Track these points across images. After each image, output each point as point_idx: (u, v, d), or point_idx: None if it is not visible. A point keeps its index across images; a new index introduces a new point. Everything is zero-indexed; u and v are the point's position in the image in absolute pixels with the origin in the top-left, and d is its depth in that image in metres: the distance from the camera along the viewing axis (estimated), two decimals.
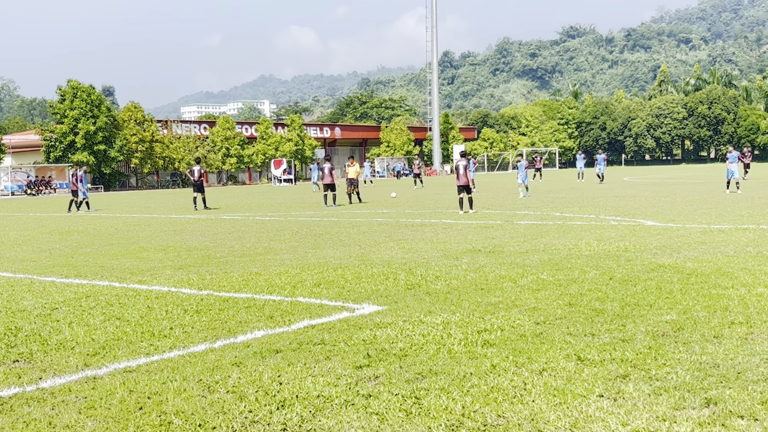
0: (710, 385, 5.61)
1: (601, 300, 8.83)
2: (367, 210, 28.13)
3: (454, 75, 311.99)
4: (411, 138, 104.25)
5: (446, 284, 10.41)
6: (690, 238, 15.03)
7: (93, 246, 17.81)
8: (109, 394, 5.87)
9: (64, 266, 14.05)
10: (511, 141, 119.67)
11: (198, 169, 33.35)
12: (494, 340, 7.12)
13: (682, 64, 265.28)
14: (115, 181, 78.65)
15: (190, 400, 5.67)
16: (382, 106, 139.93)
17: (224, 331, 7.93)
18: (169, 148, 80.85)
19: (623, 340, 6.95)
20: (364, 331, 7.66)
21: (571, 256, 12.92)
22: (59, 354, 7.24)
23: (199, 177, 32.94)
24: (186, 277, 11.95)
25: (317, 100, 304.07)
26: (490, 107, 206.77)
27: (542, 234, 16.75)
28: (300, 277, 11.49)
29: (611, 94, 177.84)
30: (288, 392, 5.78)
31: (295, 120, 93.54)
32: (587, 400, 5.39)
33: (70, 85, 75.17)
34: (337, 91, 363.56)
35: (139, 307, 9.48)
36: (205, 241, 17.90)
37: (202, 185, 32.97)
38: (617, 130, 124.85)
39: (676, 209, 22.89)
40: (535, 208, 25.66)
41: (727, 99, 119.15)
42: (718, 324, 7.48)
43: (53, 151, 74.43)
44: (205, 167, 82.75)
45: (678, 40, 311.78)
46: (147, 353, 7.15)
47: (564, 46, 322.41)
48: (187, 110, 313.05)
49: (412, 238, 16.85)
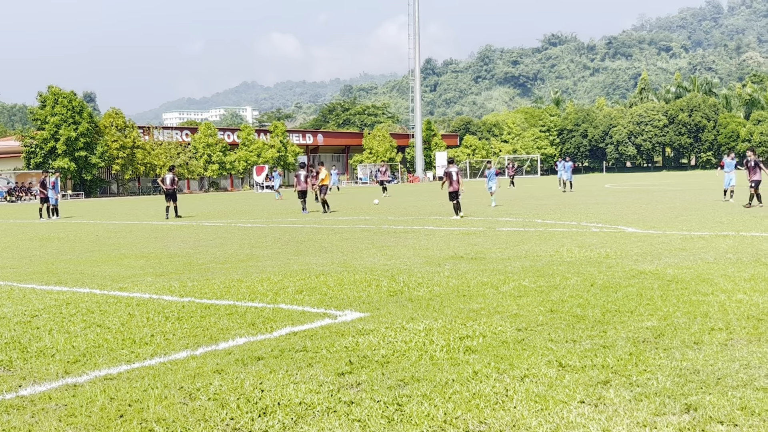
0: (690, 391, 5.65)
1: (583, 306, 8.87)
2: (349, 217, 28.12)
3: (437, 82, 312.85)
4: (394, 145, 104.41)
5: (428, 291, 10.42)
6: (670, 244, 15.13)
7: (73, 253, 17.70)
8: (90, 402, 5.83)
9: (44, 273, 13.96)
10: (494, 148, 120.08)
11: (170, 176, 32.17)
12: (476, 347, 7.14)
13: (663, 72, 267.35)
14: (96, 187, 78.23)
15: (172, 408, 5.64)
16: (364, 113, 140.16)
17: (206, 339, 7.90)
18: (151, 154, 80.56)
19: (604, 347, 6.98)
20: (346, 338, 7.65)
21: (553, 262, 12.97)
22: (39, 361, 7.18)
23: (172, 184, 31.80)
24: (167, 284, 11.89)
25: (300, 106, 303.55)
26: (472, 114, 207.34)
27: (524, 241, 16.80)
28: (282, 284, 11.47)
29: (593, 102, 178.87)
30: (270, 399, 5.76)
31: (278, 126, 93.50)
32: (568, 406, 5.41)
33: (51, 92, 74.78)
34: (320, 98, 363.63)
35: (120, 314, 9.43)
36: (186, 248, 17.83)
37: (174, 193, 31.86)
38: (598, 137, 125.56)
39: (656, 216, 23.03)
40: (516, 214, 25.74)
41: (708, 107, 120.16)
42: (698, 330, 7.53)
43: (34, 157, 73.98)
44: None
45: (659, 48, 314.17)
46: (128, 360, 7.11)
47: (546, 54, 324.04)
48: (169, 116, 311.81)
49: (395, 245, 16.85)
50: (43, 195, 34.63)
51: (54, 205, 34.68)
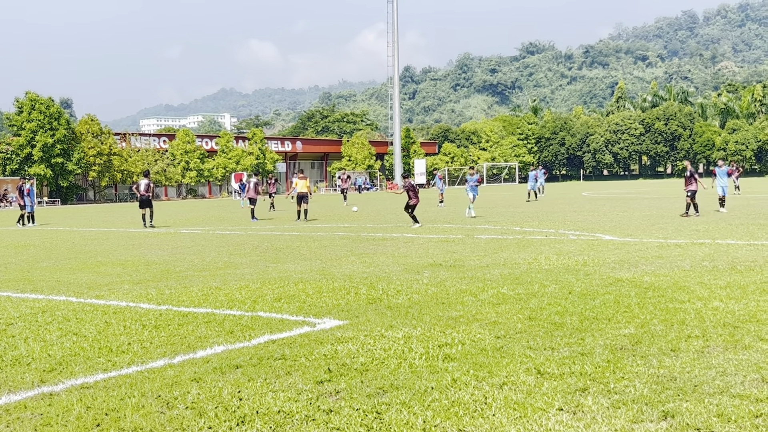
0: (668, 398, 5.68)
1: (561, 314, 8.91)
2: (328, 224, 28.09)
3: (416, 90, 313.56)
4: (372, 152, 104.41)
5: (407, 298, 10.42)
6: (647, 252, 15.23)
7: (49, 260, 17.55)
8: (66, 411, 5.77)
9: (19, 281, 13.82)
10: (472, 156, 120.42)
11: (145, 182, 30.27)
12: (455, 354, 7.15)
13: (639, 81, 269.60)
14: (73, 194, 77.60)
15: (149, 417, 5.60)
16: (343, 120, 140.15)
17: (183, 347, 7.86)
18: (128, 161, 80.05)
19: (582, 354, 7.01)
20: (325, 346, 7.63)
21: (531, 270, 13.01)
22: (14, 370, 7.11)
23: (147, 191, 29.95)
24: (144, 292, 11.82)
25: (278, 113, 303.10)
26: (450, 122, 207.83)
27: (502, 248, 16.86)
28: (260, 292, 11.43)
29: (570, 110, 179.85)
30: (248, 408, 5.74)
31: (257, 133, 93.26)
32: (547, 413, 5.43)
33: (28, 97, 74.15)
34: (299, 105, 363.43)
35: (96, 322, 9.36)
36: (164, 256, 17.73)
37: (149, 200, 29.98)
38: (576, 145, 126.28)
39: (633, 224, 23.18)
40: (495, 222, 25.82)
41: (683, 115, 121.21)
42: (675, 337, 7.58)
43: (9, 163, 73.26)
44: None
45: (635, 57, 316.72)
46: (105, 369, 7.05)
47: (523, 62, 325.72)
48: (147, 123, 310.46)
49: (374, 252, 16.85)
50: (21, 202, 34.22)
51: (30, 212, 34.31)
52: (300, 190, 31.17)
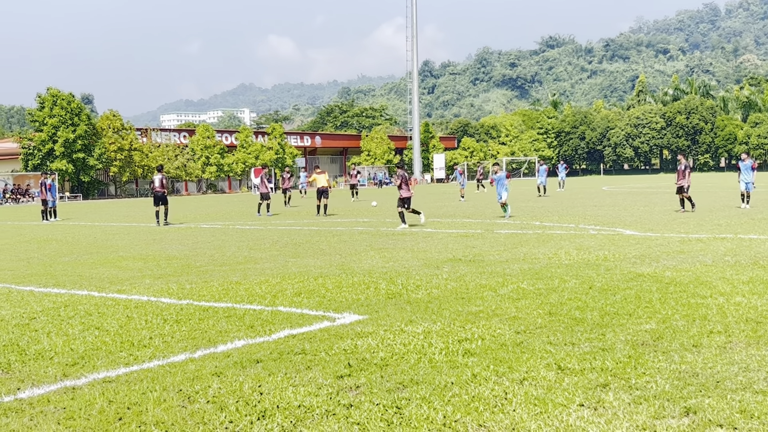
0: (690, 394, 5.65)
1: (581, 309, 8.87)
2: (347, 219, 28.11)
3: (435, 84, 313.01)
4: (391, 147, 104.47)
5: (427, 293, 10.42)
6: (669, 247, 15.13)
7: (71, 255, 17.68)
8: (89, 405, 5.82)
9: (42, 275, 13.94)
10: (491, 150, 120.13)
11: (159, 177, 28.64)
12: (475, 350, 7.13)
13: (661, 75, 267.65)
14: (94, 189, 78.16)
15: (170, 411, 5.63)
16: (362, 115, 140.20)
17: (204, 341, 7.89)
18: (149, 156, 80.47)
19: (603, 349, 6.98)
20: (345, 341, 7.64)
21: (551, 265, 12.96)
22: (37, 364, 7.17)
23: (161, 187, 28.40)
24: (165, 287, 11.88)
25: (297, 108, 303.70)
26: (470, 116, 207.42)
27: (522, 243, 16.80)
28: (280, 287, 11.46)
29: (590, 104, 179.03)
30: (269, 402, 5.76)
31: (276, 128, 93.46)
32: (568, 409, 5.41)
33: (50, 93, 74.74)
34: (318, 100, 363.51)
35: (118, 316, 9.42)
36: (184, 250, 17.82)
37: (164, 196, 28.39)
38: (596, 139, 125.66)
39: (654, 218, 23.04)
40: (514, 217, 25.73)
41: (705, 109, 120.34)
42: (697, 333, 7.53)
43: (32, 159, 73.90)
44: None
45: (656, 51, 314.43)
46: (126, 363, 7.10)
47: (543, 56, 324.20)
48: (167, 118, 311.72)
49: (393, 247, 16.85)
50: (45, 197, 34.53)
51: (52, 207, 34.61)
52: (320, 185, 31.11)
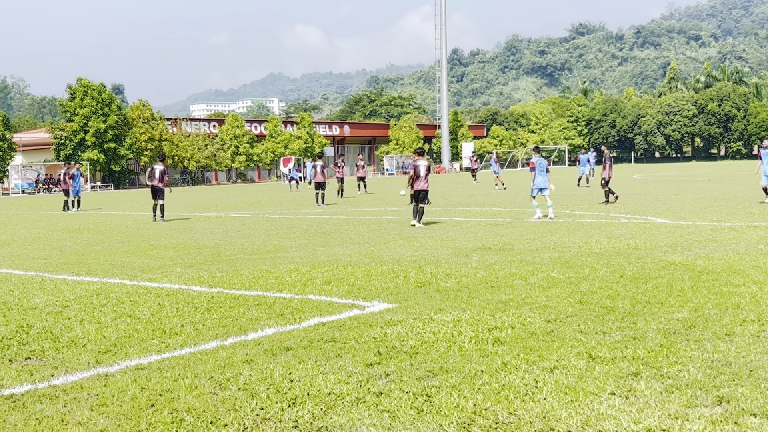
0: (722, 383, 5.59)
1: (612, 298, 8.81)
2: (376, 208, 28.13)
3: (464, 72, 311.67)
4: (420, 136, 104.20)
5: (456, 282, 10.40)
6: (701, 235, 14.98)
7: (103, 244, 17.86)
8: (121, 392, 5.88)
9: (74, 264, 14.10)
10: (521, 138, 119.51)
11: (160, 168, 25.63)
12: (505, 338, 7.11)
13: (692, 62, 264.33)
14: (125, 179, 78.81)
15: (202, 398, 5.68)
16: (391, 104, 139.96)
17: (235, 329, 7.94)
18: (179, 146, 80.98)
19: (634, 338, 6.93)
20: (374, 329, 7.66)
21: (582, 253, 12.89)
22: (71, 351, 7.26)
23: (161, 179, 25.29)
24: (196, 275, 11.97)
25: (326, 98, 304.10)
26: (499, 105, 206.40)
27: (552, 232, 16.72)
28: (310, 275, 11.50)
29: (621, 92, 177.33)
30: (299, 390, 5.78)
31: (305, 118, 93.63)
32: (599, 397, 5.38)
33: (81, 84, 75.30)
34: (346, 89, 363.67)
35: (149, 304, 9.51)
36: (214, 239, 17.93)
37: (162, 190, 25.28)
38: (627, 127, 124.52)
39: (686, 207, 22.82)
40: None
41: (738, 96, 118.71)
42: (730, 322, 7.45)
43: (63, 149, 74.56)
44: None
45: (688, 37, 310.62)
46: (158, 351, 7.16)
47: (573, 44, 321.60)
48: (197, 108, 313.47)
49: (422, 236, 16.84)
50: (66, 187, 34.55)
51: (75, 197, 34.59)
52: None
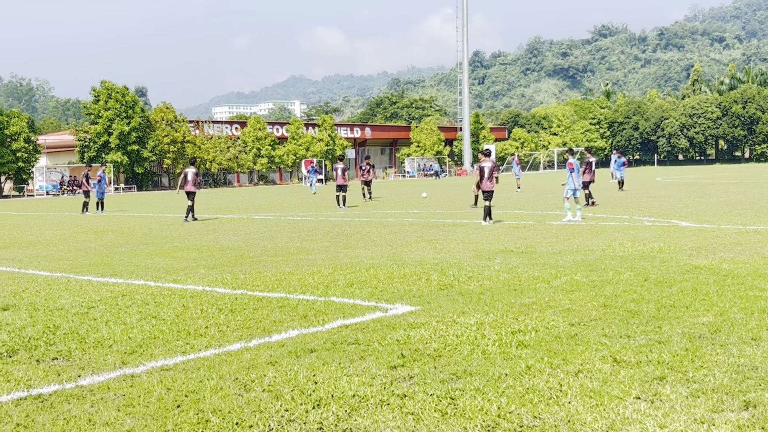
0: (749, 387, 5.56)
1: (637, 301, 8.77)
2: (398, 210, 28.14)
3: (485, 75, 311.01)
4: (441, 138, 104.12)
5: (479, 285, 10.39)
6: (725, 239, 14.87)
7: (127, 245, 17.99)
8: (147, 392, 5.93)
9: (99, 265, 14.21)
10: (542, 141, 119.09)
11: (193, 171, 26.37)
12: (529, 341, 7.10)
13: (716, 63, 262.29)
14: (148, 180, 79.35)
15: (227, 399, 5.72)
16: (412, 106, 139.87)
17: (259, 331, 7.98)
18: (201, 148, 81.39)
19: (659, 342, 6.90)
20: (397, 331, 7.67)
21: (605, 257, 12.83)
22: (97, 352, 7.33)
23: (195, 182, 26.03)
24: (220, 277, 12.04)
25: (347, 100, 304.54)
26: (520, 107, 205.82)
27: (575, 235, 16.65)
28: (333, 277, 11.53)
29: (644, 94, 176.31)
30: (323, 391, 5.81)
31: (326, 120, 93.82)
32: (624, 402, 5.36)
33: (104, 86, 75.95)
34: (368, 92, 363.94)
35: (174, 306, 9.57)
36: (237, 241, 18.02)
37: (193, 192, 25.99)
38: (650, 130, 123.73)
39: (710, 210, 22.65)
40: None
41: (762, 98, 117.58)
42: (756, 326, 7.40)
43: (87, 151, 75.21)
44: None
45: (712, 39, 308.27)
46: (183, 352, 7.21)
47: (596, 45, 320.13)
48: (219, 110, 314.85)
49: (444, 239, 16.83)
50: (87, 189, 34.83)
51: (99, 199, 34.76)
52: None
